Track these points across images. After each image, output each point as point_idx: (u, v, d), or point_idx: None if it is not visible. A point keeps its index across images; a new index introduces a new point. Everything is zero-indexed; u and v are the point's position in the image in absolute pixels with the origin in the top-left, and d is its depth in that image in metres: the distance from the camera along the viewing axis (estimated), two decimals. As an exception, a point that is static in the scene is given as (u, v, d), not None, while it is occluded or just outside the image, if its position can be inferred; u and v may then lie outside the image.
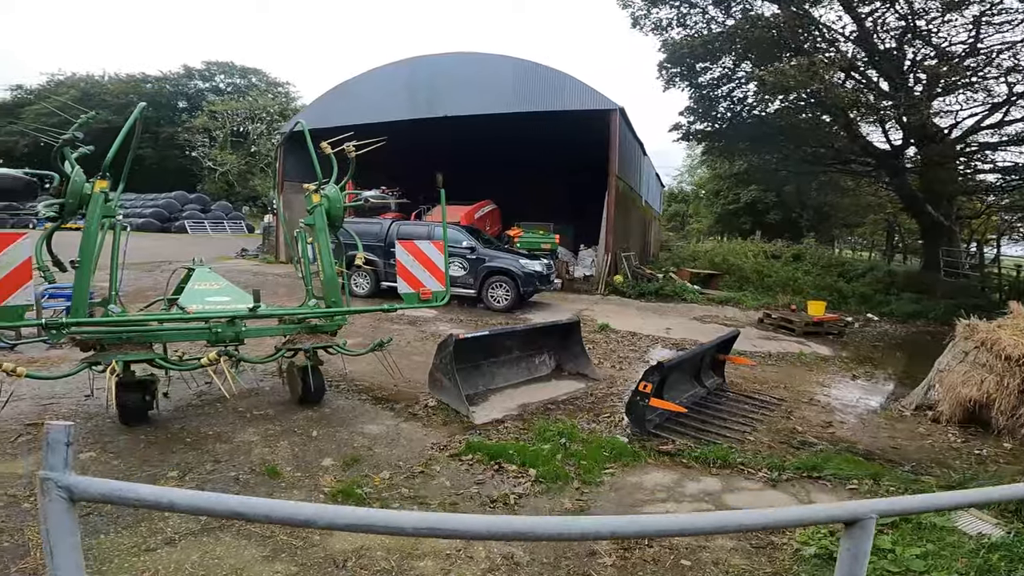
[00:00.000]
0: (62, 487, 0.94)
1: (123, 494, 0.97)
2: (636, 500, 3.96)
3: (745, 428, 5.49)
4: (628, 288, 15.95)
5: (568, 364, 7.08)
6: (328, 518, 0.94)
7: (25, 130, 13.94)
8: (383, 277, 12.65)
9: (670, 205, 52.18)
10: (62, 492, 0.95)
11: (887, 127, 18.04)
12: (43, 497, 0.95)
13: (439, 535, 0.99)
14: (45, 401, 5.05)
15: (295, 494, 3.65)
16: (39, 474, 0.95)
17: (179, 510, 1.00)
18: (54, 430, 0.95)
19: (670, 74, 19.30)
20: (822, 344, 10.53)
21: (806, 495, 4.19)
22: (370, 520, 0.96)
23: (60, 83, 48.88)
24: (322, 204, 5.51)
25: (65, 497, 0.95)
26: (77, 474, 0.97)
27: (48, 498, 0.95)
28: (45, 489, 0.94)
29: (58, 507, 0.96)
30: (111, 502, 1.00)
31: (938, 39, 15.37)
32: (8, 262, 3.59)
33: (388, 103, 18.04)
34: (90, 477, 0.99)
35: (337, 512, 0.96)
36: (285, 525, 0.86)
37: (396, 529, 0.97)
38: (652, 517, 1.25)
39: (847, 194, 28.81)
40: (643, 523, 1.15)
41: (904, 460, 4.99)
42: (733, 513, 1.24)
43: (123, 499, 0.98)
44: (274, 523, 0.92)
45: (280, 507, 0.97)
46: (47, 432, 0.96)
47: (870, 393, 7.45)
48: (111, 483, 0.98)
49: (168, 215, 35.28)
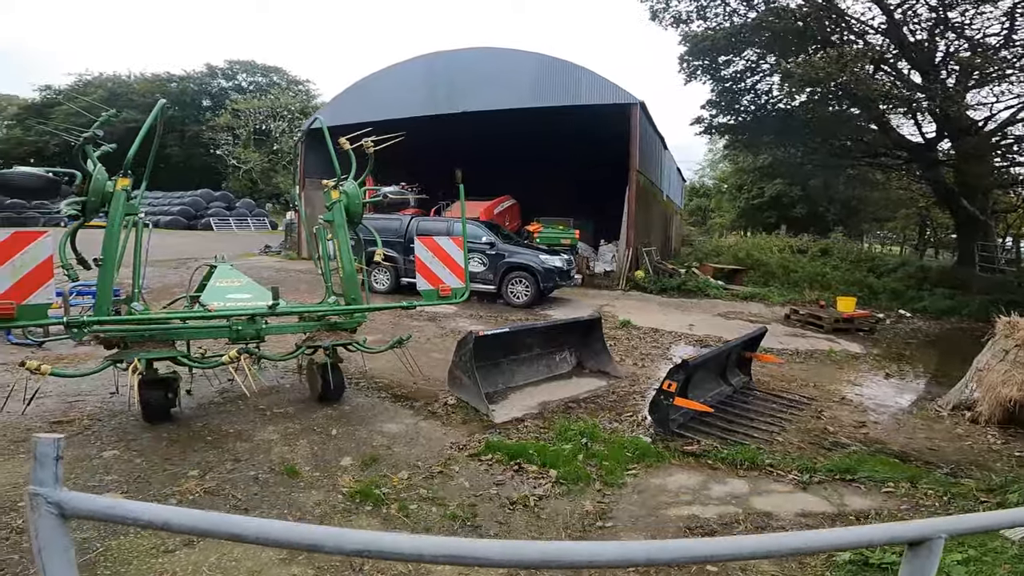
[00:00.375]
0: (52, 503, 0.88)
1: (115, 512, 0.90)
2: (660, 503, 3.85)
3: (773, 428, 5.32)
4: (650, 284, 15.73)
5: (589, 361, 6.97)
6: (335, 541, 0.86)
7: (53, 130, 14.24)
8: (403, 273, 12.65)
9: (691, 200, 51.51)
10: (52, 508, 0.89)
11: (920, 120, 17.53)
12: (33, 513, 0.89)
13: (459, 562, 0.90)
14: (71, 399, 5.11)
15: (313, 494, 3.61)
16: (27, 489, 0.89)
17: (174, 530, 0.94)
18: (42, 443, 0.89)
19: (692, 67, 18.98)
20: (852, 341, 10.22)
21: (839, 498, 4.03)
22: (380, 545, 0.87)
23: (88, 83, 50.02)
24: (341, 200, 5.48)
25: (55, 513, 0.89)
26: (68, 488, 0.91)
27: (38, 514, 0.89)
28: (34, 505, 0.88)
29: (49, 523, 0.90)
30: (103, 519, 0.94)
31: (971, 31, 14.87)
32: (29, 261, 3.61)
33: (407, 99, 18.04)
34: (81, 493, 0.93)
35: (343, 536, 0.87)
36: (290, 549, 0.79)
37: (412, 555, 0.88)
38: (690, 542, 1.15)
39: (877, 188, 28.05)
40: (678, 549, 1.05)
41: (942, 462, 4.79)
42: (783, 536, 1.13)
43: (114, 517, 0.92)
44: (278, 546, 0.84)
45: (284, 529, 0.89)
46: (35, 445, 0.90)
47: (904, 392, 7.20)
48: (103, 500, 0.91)
49: (194, 212, 35.95)
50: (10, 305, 3.58)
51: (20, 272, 3.60)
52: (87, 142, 4.33)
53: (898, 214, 33.03)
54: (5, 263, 3.56)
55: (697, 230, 45.67)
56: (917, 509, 3.91)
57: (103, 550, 2.82)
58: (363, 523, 3.33)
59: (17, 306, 3.61)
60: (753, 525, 3.60)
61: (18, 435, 4.22)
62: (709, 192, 55.13)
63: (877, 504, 3.96)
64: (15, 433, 4.26)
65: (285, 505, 3.46)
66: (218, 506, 3.40)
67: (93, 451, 4.05)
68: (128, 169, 4.48)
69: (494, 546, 0.92)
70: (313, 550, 0.88)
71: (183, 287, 8.01)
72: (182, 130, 48.28)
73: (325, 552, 0.88)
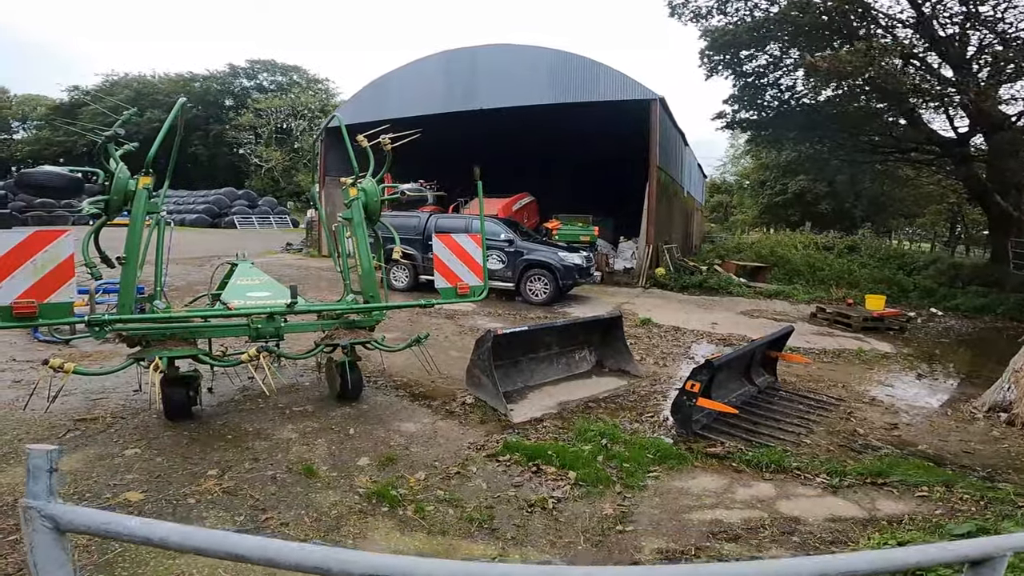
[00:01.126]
0: (46, 516, 0.84)
1: (111, 527, 0.86)
2: (682, 506, 3.75)
3: (800, 430, 5.17)
4: (670, 281, 15.53)
5: (609, 360, 6.87)
6: (341, 565, 0.80)
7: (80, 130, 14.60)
8: (421, 271, 12.65)
9: (712, 196, 50.84)
10: (47, 522, 0.84)
11: (952, 114, 17.01)
12: (27, 527, 0.85)
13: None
14: (95, 396, 5.17)
15: (330, 494, 3.59)
16: (21, 502, 0.85)
17: (171, 547, 0.89)
18: (35, 455, 0.85)
19: (713, 62, 18.68)
20: (882, 340, 9.94)
21: (870, 502, 3.89)
22: (392, 570, 0.81)
23: (115, 83, 51.18)
24: (359, 198, 5.46)
25: (50, 527, 0.85)
26: (63, 501, 0.87)
27: (32, 528, 0.85)
28: (28, 518, 0.84)
29: (44, 538, 0.85)
30: (99, 535, 0.90)
31: (1004, 25, 14.40)
32: (50, 260, 3.64)
33: (425, 96, 18.06)
34: (76, 507, 0.89)
35: (352, 557, 0.81)
36: (292, 571, 0.74)
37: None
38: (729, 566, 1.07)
39: (906, 184, 27.33)
40: (714, 573, 0.97)
41: (977, 465, 4.61)
42: (833, 558, 1.05)
43: (110, 532, 0.87)
44: (280, 568, 0.79)
45: (286, 549, 0.84)
46: (27, 457, 0.85)
47: (937, 392, 6.96)
48: (99, 514, 0.87)
49: (218, 211, 36.53)
50: (32, 304, 3.62)
51: (41, 271, 3.63)
52: (109, 141, 4.36)
53: (928, 210, 32.19)
54: (26, 262, 3.60)
55: (718, 227, 45.04)
56: (953, 514, 3.75)
57: (121, 550, 2.82)
58: (379, 525, 3.30)
59: (39, 305, 3.65)
60: (780, 530, 3.49)
61: (42, 433, 4.28)
62: (731, 188, 54.37)
63: (911, 509, 3.81)
64: (38, 431, 4.31)
65: (302, 506, 3.43)
66: (236, 506, 3.40)
67: (115, 449, 4.08)
68: (150, 167, 4.51)
69: (508, 570, 0.85)
70: (319, 572, 0.82)
71: (206, 285, 8.10)
72: (206, 129, 49.12)
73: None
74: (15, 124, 58.82)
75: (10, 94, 59.08)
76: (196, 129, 47.28)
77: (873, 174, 25.67)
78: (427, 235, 12.32)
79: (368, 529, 3.24)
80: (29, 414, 4.55)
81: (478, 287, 5.37)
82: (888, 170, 24.60)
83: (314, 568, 0.80)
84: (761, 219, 42.27)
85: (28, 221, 27.59)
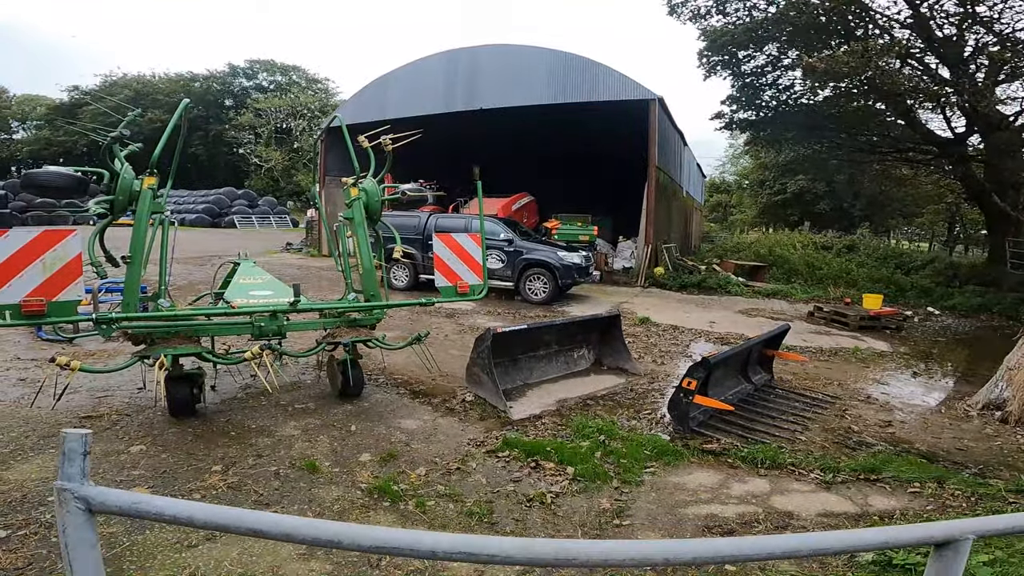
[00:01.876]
0: (79, 498, 0.90)
1: (141, 507, 0.92)
2: (678, 501, 3.82)
3: (796, 427, 5.24)
4: (669, 280, 15.60)
5: (607, 358, 6.94)
6: (353, 538, 0.87)
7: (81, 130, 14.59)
8: (422, 270, 12.71)
9: (712, 196, 50.88)
10: (80, 503, 0.91)
11: (949, 115, 17.08)
12: (61, 508, 0.91)
13: (474, 560, 0.90)
14: (100, 394, 5.23)
15: (332, 490, 3.65)
16: (55, 484, 0.91)
17: (197, 525, 0.95)
18: (70, 438, 0.91)
19: (711, 63, 18.73)
20: (879, 339, 10.02)
21: (863, 498, 3.96)
22: (396, 541, 0.88)
23: (114, 83, 51.20)
24: (360, 198, 5.52)
25: (83, 508, 0.91)
26: (94, 484, 0.93)
27: (66, 509, 0.91)
28: (63, 500, 0.91)
29: (77, 519, 0.92)
30: (129, 515, 0.96)
31: (1000, 25, 14.46)
32: (58, 259, 3.70)
33: (425, 96, 18.11)
34: (107, 488, 0.95)
35: (362, 532, 0.88)
36: (308, 545, 0.80)
37: (427, 552, 0.88)
38: (709, 541, 1.14)
39: (904, 183, 27.40)
40: (696, 548, 1.04)
41: (970, 462, 4.68)
42: (806, 536, 1.11)
43: (140, 512, 0.94)
44: (297, 542, 0.85)
45: (302, 525, 0.90)
46: (63, 440, 0.92)
47: (932, 391, 7.03)
48: (129, 495, 0.93)
49: (219, 211, 36.55)
50: (40, 302, 3.68)
51: (50, 270, 3.70)
52: (114, 142, 4.42)
53: (926, 210, 32.26)
54: (35, 261, 3.66)
55: (717, 226, 45.10)
56: (944, 510, 3.82)
57: (129, 545, 2.88)
58: (381, 519, 3.37)
59: (47, 303, 3.71)
60: (773, 525, 3.56)
61: (47, 430, 4.34)
62: (730, 188, 54.41)
63: (902, 505, 3.88)
64: (44, 428, 4.37)
65: (305, 501, 3.50)
66: (240, 501, 3.46)
67: (121, 446, 4.15)
68: (154, 168, 4.57)
69: (509, 543, 0.92)
70: (331, 546, 0.89)
71: (208, 284, 8.15)
72: (206, 129, 49.16)
73: (343, 548, 0.89)
74: (15, 124, 58.84)
75: (9, 94, 59.10)
76: (196, 129, 47.30)
77: (871, 174, 25.74)
78: (427, 234, 12.39)
79: (370, 523, 3.30)
80: (35, 411, 4.61)
81: (478, 286, 5.44)
82: (886, 170, 24.67)
83: (328, 542, 0.87)
84: (760, 219, 42.34)
85: (28, 221, 27.58)
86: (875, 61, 13.66)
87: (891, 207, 33.10)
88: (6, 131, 58.40)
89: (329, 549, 2.95)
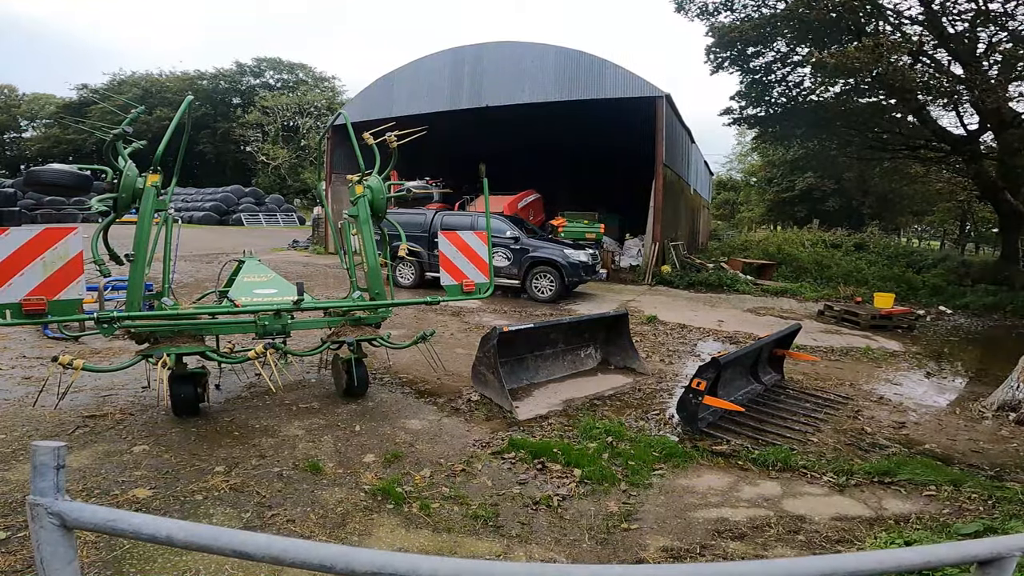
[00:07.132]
0: (53, 513, 0.84)
1: (118, 524, 0.86)
2: (687, 504, 3.74)
3: (807, 428, 5.15)
4: (676, 278, 15.49)
5: (615, 358, 6.86)
6: (347, 561, 0.80)
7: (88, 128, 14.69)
8: (427, 268, 12.67)
9: (719, 193, 50.59)
10: (54, 519, 0.85)
11: (962, 112, 16.86)
12: (34, 524, 0.85)
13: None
14: (104, 393, 5.21)
15: (336, 491, 3.60)
16: (28, 499, 0.85)
17: (177, 544, 0.89)
18: (41, 452, 0.85)
19: (719, 59, 18.55)
20: (891, 339, 9.87)
21: (877, 501, 3.87)
22: (393, 567, 0.81)
23: (123, 82, 51.51)
24: (365, 195, 5.47)
25: (57, 524, 0.85)
26: (70, 498, 0.87)
27: (39, 524, 0.85)
28: (35, 515, 0.85)
29: (51, 535, 0.86)
30: (105, 532, 0.90)
31: (1014, 23, 14.25)
32: (59, 257, 3.67)
33: (431, 94, 18.07)
34: (82, 504, 0.89)
35: (356, 555, 0.81)
36: (299, 568, 0.75)
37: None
38: (733, 565, 1.06)
39: (915, 181, 27.09)
40: (718, 573, 0.97)
41: (986, 464, 4.57)
42: (841, 557, 1.04)
43: (117, 530, 0.88)
44: (285, 565, 0.80)
45: (291, 547, 0.84)
46: (33, 453, 0.86)
47: (945, 391, 6.91)
48: (106, 511, 0.87)
49: (226, 208, 36.71)
50: (41, 301, 3.65)
51: (51, 268, 3.66)
52: (117, 139, 4.38)
53: (937, 207, 31.92)
54: (35, 259, 3.62)
55: (725, 224, 44.85)
56: (960, 514, 3.73)
57: (129, 547, 2.84)
58: (384, 522, 3.31)
59: (48, 301, 3.68)
60: (785, 529, 3.47)
61: (51, 430, 4.31)
62: (737, 185, 54.07)
63: (918, 508, 3.78)
64: (48, 428, 4.35)
65: (308, 502, 3.45)
66: (243, 503, 3.41)
67: (124, 445, 4.11)
68: (158, 165, 4.53)
69: (517, 569, 0.85)
70: (322, 571, 0.82)
71: (213, 282, 8.13)
72: (214, 127, 49.38)
73: (336, 573, 0.82)
74: (24, 122, 59.33)
75: (19, 92, 59.58)
76: (203, 127, 47.53)
77: (881, 171, 25.45)
78: (433, 232, 12.34)
79: (373, 526, 3.25)
80: (39, 410, 4.59)
81: (484, 284, 5.37)
82: (897, 167, 24.38)
83: (319, 566, 0.80)
84: (768, 216, 42.06)
85: (37, 219, 27.80)
86: (886, 57, 13.50)
87: (901, 205, 32.77)
88: (16, 129, 58.89)
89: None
